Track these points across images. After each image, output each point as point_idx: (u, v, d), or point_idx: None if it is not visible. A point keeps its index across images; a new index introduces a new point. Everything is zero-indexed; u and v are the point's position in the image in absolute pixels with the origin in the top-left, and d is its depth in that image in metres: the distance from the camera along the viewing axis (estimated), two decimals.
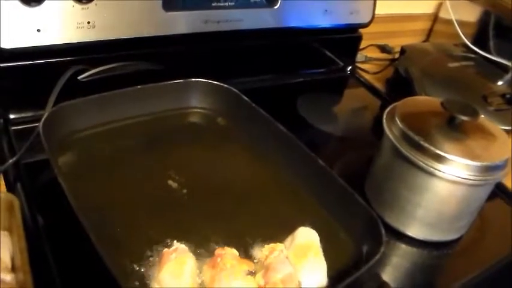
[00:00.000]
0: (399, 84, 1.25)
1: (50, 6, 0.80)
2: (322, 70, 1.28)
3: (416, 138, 0.75)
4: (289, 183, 0.82)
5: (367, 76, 1.32)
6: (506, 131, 0.90)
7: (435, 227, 0.81)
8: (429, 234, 0.82)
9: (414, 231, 0.82)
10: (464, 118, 0.77)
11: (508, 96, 1.21)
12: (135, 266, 0.63)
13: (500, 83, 1.31)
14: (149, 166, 0.81)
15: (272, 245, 0.67)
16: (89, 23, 0.85)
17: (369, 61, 1.38)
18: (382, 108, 0.83)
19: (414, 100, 0.90)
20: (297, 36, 1.17)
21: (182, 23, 0.96)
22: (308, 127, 1.06)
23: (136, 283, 0.61)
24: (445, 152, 0.73)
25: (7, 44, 0.79)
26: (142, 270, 0.63)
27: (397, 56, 1.39)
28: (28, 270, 0.58)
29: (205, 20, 0.98)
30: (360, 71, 1.33)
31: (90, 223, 0.59)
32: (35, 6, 0.79)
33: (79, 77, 0.87)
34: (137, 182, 0.77)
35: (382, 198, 0.83)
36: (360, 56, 1.37)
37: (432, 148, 0.74)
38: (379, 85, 1.30)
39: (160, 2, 0.90)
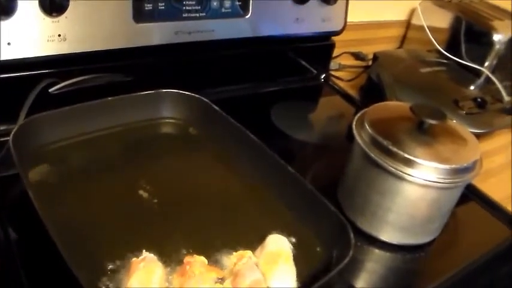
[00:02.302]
0: (372, 91, 1.26)
1: (20, 20, 0.80)
2: (295, 78, 1.29)
3: (385, 143, 0.76)
4: (259, 190, 0.83)
5: (341, 84, 1.33)
6: (478, 134, 0.91)
7: (407, 231, 0.82)
8: (402, 238, 0.82)
9: (387, 235, 0.82)
10: (433, 122, 0.78)
11: (479, 100, 1.22)
12: (105, 277, 0.62)
13: (472, 87, 1.33)
14: (120, 177, 0.81)
15: (240, 252, 0.67)
16: (59, 36, 0.85)
17: (342, 69, 1.39)
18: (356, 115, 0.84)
19: (384, 106, 0.91)
20: (269, 45, 1.18)
21: (153, 34, 0.96)
22: (282, 136, 1.06)
23: None
24: (414, 156, 0.74)
25: None
26: (112, 281, 0.62)
27: (371, 63, 1.40)
28: None
29: (176, 31, 0.98)
30: (334, 79, 1.34)
31: (60, 236, 0.59)
32: (5, 19, 0.79)
33: (50, 90, 0.87)
34: (108, 193, 0.77)
35: (353, 203, 0.84)
36: (333, 64, 1.38)
37: (401, 152, 0.75)
38: (353, 92, 1.31)
39: (131, 14, 0.91)
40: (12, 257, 0.66)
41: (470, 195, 0.97)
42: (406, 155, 0.74)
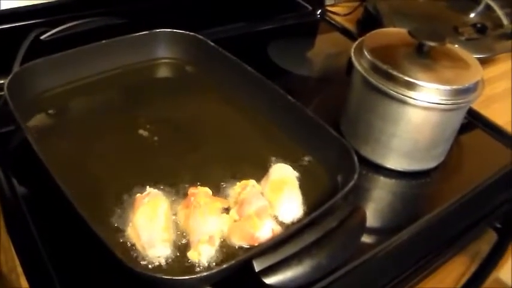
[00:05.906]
0: (370, 24, 1.23)
1: None
2: (291, 15, 1.26)
3: (385, 67, 0.75)
4: (259, 122, 0.83)
5: (337, 18, 1.30)
6: (479, 60, 0.90)
7: (412, 157, 0.82)
8: (406, 164, 0.82)
9: (391, 162, 0.82)
10: (432, 44, 0.77)
11: (479, 25, 1.20)
12: (111, 215, 0.63)
13: (472, 15, 1.30)
14: (119, 118, 0.81)
15: (244, 181, 0.68)
16: None
17: (338, 3, 1.37)
18: None
19: (382, 32, 0.89)
20: None
21: None
22: (281, 71, 1.06)
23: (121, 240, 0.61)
24: (414, 79, 0.73)
25: None
26: (119, 218, 0.62)
27: None
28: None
29: None
30: (330, 14, 1.31)
31: (64, 178, 0.59)
32: None
33: (42, 37, 0.86)
34: (109, 134, 0.78)
35: (357, 132, 0.83)
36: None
37: (402, 76, 0.74)
38: (350, 26, 1.29)
39: None
40: (21, 212, 0.66)
41: (474, 121, 0.97)
42: (407, 78, 0.73)
